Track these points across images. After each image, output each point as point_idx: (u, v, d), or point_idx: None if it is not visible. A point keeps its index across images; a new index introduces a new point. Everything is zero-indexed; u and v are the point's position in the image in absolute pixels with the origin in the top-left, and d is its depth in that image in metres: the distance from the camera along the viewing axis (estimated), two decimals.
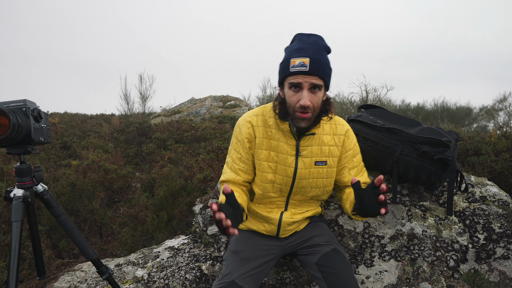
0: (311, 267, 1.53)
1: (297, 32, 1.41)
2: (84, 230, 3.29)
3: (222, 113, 12.13)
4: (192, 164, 4.14)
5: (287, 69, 1.33)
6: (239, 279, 1.45)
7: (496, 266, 1.65)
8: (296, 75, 1.31)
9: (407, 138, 1.74)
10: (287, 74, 1.33)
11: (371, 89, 12.13)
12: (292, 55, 1.33)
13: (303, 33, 1.39)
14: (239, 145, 1.53)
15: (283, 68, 1.36)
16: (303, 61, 1.30)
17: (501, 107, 11.94)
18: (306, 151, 1.47)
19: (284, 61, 1.35)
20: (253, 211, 1.62)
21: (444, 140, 1.66)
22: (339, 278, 1.41)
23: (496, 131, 4.79)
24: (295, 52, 1.33)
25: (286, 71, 1.34)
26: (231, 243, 1.66)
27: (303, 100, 1.31)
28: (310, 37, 1.36)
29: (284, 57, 1.37)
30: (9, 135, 1.31)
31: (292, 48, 1.35)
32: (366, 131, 1.87)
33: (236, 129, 1.56)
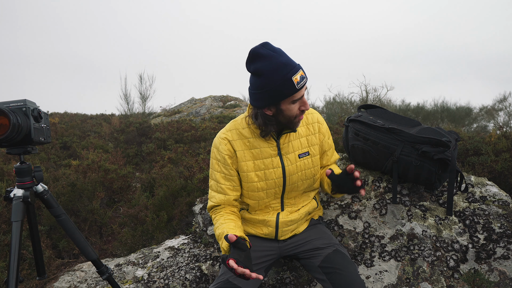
0: (314, 270, 1.53)
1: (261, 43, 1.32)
2: (84, 230, 3.29)
3: (222, 113, 12.13)
4: (192, 164, 4.14)
5: (292, 88, 1.28)
6: (234, 278, 1.45)
7: (496, 266, 1.65)
8: (301, 89, 1.31)
9: (407, 138, 1.74)
10: (291, 93, 1.29)
11: (371, 89, 12.13)
12: (289, 73, 1.26)
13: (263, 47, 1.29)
14: (220, 165, 1.53)
15: (284, 90, 1.28)
16: (302, 74, 1.30)
17: (501, 107, 11.94)
18: (287, 148, 1.51)
19: (283, 82, 1.26)
20: (249, 218, 1.62)
21: (444, 140, 1.66)
22: (343, 277, 1.41)
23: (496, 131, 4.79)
24: (289, 68, 1.26)
25: (292, 90, 1.28)
26: None
27: (307, 105, 1.37)
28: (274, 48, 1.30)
29: (275, 79, 1.26)
30: (9, 135, 1.31)
31: (274, 66, 1.26)
32: (366, 131, 1.87)
33: (213, 150, 1.55)
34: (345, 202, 1.98)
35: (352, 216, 1.93)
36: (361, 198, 1.97)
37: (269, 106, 1.35)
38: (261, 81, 1.29)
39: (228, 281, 1.45)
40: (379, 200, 1.93)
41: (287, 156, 1.51)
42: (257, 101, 1.35)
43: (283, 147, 1.50)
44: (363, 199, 1.97)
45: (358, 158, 1.97)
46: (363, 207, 1.94)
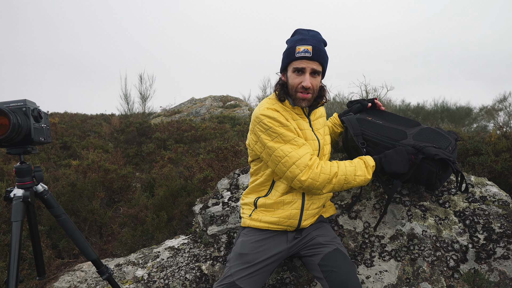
0: (314, 268, 1.53)
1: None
2: (84, 230, 3.29)
3: (222, 113, 12.13)
4: (192, 164, 4.14)
5: (292, 55, 1.50)
6: (240, 281, 1.45)
7: (496, 266, 1.65)
8: (300, 60, 1.49)
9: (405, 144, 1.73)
10: (292, 59, 1.50)
11: (371, 89, 12.12)
12: (296, 44, 1.50)
13: (302, 28, 1.57)
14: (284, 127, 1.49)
15: (288, 55, 1.52)
16: (307, 48, 1.47)
17: (501, 107, 11.94)
18: (317, 124, 1.68)
19: (289, 48, 1.52)
20: (273, 203, 1.60)
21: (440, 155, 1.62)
22: (340, 276, 1.42)
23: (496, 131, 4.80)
24: (299, 41, 1.50)
25: (291, 57, 1.50)
26: (236, 244, 1.65)
27: (306, 82, 1.49)
28: (310, 32, 1.55)
29: (288, 46, 1.54)
30: (9, 135, 1.31)
31: (295, 39, 1.53)
32: (366, 132, 1.86)
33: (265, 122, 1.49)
34: (345, 202, 1.98)
35: (352, 216, 1.93)
36: (361, 198, 1.97)
37: (283, 70, 1.59)
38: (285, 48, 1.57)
39: (234, 284, 1.45)
40: (379, 200, 1.93)
41: (318, 131, 1.66)
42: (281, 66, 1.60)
43: (314, 123, 1.66)
44: (363, 199, 1.97)
45: None
46: (363, 207, 1.94)
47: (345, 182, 1.49)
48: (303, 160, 1.46)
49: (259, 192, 1.66)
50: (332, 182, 1.47)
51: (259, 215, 1.64)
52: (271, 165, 1.54)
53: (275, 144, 1.48)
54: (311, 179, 1.45)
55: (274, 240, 1.61)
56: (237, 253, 1.58)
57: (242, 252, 1.57)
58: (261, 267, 1.53)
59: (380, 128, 1.85)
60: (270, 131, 1.49)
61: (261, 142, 1.52)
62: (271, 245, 1.59)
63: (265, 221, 1.61)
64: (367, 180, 1.52)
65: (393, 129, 1.85)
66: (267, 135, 1.50)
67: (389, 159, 1.55)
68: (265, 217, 1.62)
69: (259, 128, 1.52)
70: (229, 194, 2.27)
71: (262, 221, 1.62)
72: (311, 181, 1.45)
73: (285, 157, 1.46)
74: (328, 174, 1.47)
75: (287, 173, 1.48)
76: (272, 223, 1.60)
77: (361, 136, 1.85)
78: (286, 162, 1.47)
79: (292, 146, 1.48)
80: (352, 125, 1.88)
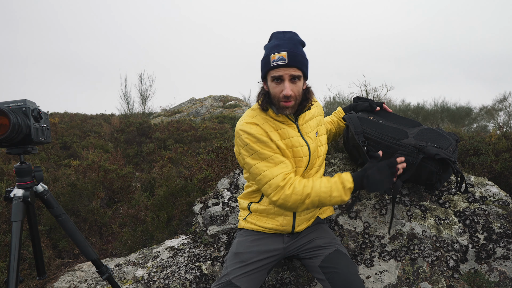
0: (315, 270, 1.53)
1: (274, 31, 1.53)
2: (84, 230, 3.29)
3: (222, 113, 12.12)
4: (192, 164, 4.14)
5: (268, 64, 1.44)
6: (236, 279, 1.46)
7: (496, 266, 1.65)
8: (277, 68, 1.42)
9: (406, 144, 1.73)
10: (268, 68, 1.44)
11: (371, 89, 12.11)
12: (271, 51, 1.43)
13: (279, 31, 1.50)
14: (259, 144, 1.48)
15: (265, 64, 1.46)
16: (282, 55, 1.41)
17: (501, 107, 11.92)
18: (306, 128, 1.60)
19: (265, 57, 1.46)
20: (263, 209, 1.62)
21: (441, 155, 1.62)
22: (342, 277, 1.42)
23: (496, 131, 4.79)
24: (274, 48, 1.43)
25: (267, 66, 1.45)
26: (233, 245, 1.67)
27: (286, 90, 1.42)
28: (285, 34, 1.48)
29: (264, 54, 1.48)
30: (9, 135, 1.31)
31: (270, 45, 1.47)
32: (368, 131, 1.86)
33: (243, 138, 1.50)
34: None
35: (352, 216, 1.93)
36: (361, 198, 1.97)
37: (263, 79, 1.52)
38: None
39: (230, 282, 1.46)
40: (379, 200, 1.93)
41: (308, 135, 1.59)
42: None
43: (302, 127, 1.59)
44: (363, 199, 1.97)
45: (359, 157, 1.97)
46: (363, 207, 1.94)
47: (319, 203, 1.46)
48: (275, 180, 1.45)
49: (252, 199, 1.69)
50: (305, 203, 1.44)
51: (254, 219, 1.67)
52: (251, 178, 1.58)
53: (252, 161, 1.49)
54: (282, 200, 1.45)
55: (269, 240, 1.63)
56: (233, 252, 1.60)
57: (238, 251, 1.59)
58: (257, 266, 1.54)
59: (381, 127, 1.86)
60: (247, 147, 1.49)
61: (241, 156, 1.55)
62: (266, 244, 1.61)
63: (259, 225, 1.65)
64: (344, 201, 1.46)
65: (394, 128, 1.85)
66: (245, 150, 1.51)
67: (371, 181, 1.44)
68: (259, 222, 1.65)
69: (239, 143, 1.53)
70: (229, 194, 2.27)
71: (256, 224, 1.66)
72: (282, 202, 1.46)
73: (259, 175, 1.48)
74: (300, 195, 1.43)
75: (262, 189, 1.51)
76: (266, 228, 1.64)
77: (362, 134, 1.85)
78: (260, 180, 1.49)
79: (268, 164, 1.47)
80: (353, 123, 1.88)
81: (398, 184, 1.74)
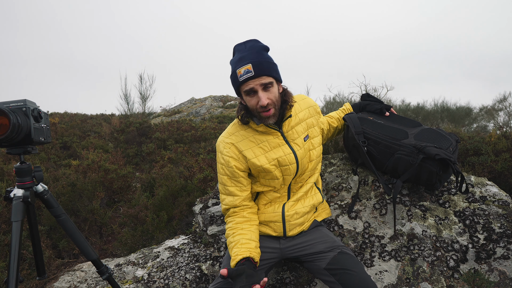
0: (321, 272, 1.53)
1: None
2: (84, 230, 3.29)
3: (222, 113, 12.12)
4: (192, 164, 4.14)
5: (236, 80, 1.44)
6: None
7: (496, 266, 1.65)
8: (246, 82, 1.42)
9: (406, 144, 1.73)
10: (238, 84, 1.44)
11: (371, 89, 12.10)
12: (236, 66, 1.43)
13: (239, 43, 1.49)
14: (225, 168, 1.58)
15: (234, 80, 1.46)
16: (247, 68, 1.40)
17: (501, 107, 11.91)
18: (292, 135, 1.58)
19: (232, 73, 1.46)
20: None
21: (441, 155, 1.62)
22: (354, 276, 1.42)
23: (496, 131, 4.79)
24: (238, 63, 1.43)
25: (236, 82, 1.44)
26: None
27: (261, 101, 1.41)
28: (246, 44, 1.46)
29: (231, 70, 1.47)
30: (9, 135, 1.31)
31: (234, 60, 1.46)
32: (368, 131, 1.87)
33: (218, 155, 1.61)
34: (345, 202, 1.98)
35: (352, 216, 1.93)
36: (361, 198, 1.97)
37: (238, 95, 1.52)
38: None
39: (228, 281, 1.46)
40: (379, 200, 1.93)
41: (295, 142, 1.58)
42: None
43: (288, 134, 1.57)
44: (363, 199, 1.97)
45: (359, 157, 1.97)
46: (363, 207, 1.94)
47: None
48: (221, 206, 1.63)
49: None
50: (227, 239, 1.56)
51: None
52: None
53: (219, 177, 1.63)
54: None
55: (265, 240, 1.64)
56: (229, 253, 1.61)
57: None
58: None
59: (381, 127, 1.86)
60: (217, 163, 1.62)
61: None
62: (265, 244, 1.61)
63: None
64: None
65: (394, 128, 1.85)
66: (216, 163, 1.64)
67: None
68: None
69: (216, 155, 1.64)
70: None
71: None
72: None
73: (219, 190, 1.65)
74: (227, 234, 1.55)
75: None
76: (260, 231, 1.65)
77: (362, 134, 1.85)
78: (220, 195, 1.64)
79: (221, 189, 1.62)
80: (353, 123, 1.89)
81: (398, 184, 1.74)
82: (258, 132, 1.55)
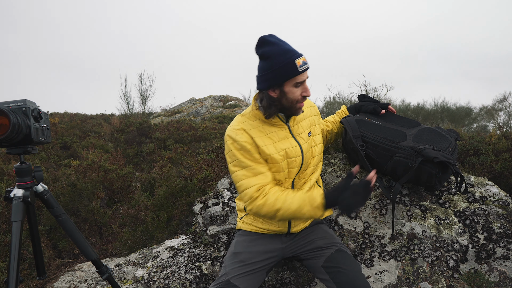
0: (318, 270, 1.53)
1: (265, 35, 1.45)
2: (84, 230, 3.29)
3: (222, 113, 12.13)
4: (192, 164, 4.14)
5: (295, 70, 1.40)
6: (235, 279, 1.46)
7: (496, 266, 1.65)
8: (303, 73, 1.43)
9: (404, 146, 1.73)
10: (294, 74, 1.41)
11: (371, 89, 12.11)
12: (293, 57, 1.39)
13: (269, 34, 1.45)
14: (243, 152, 1.49)
15: (287, 71, 1.40)
16: (303, 60, 1.42)
17: (501, 107, 11.91)
18: (298, 129, 1.61)
19: (287, 64, 1.40)
20: None
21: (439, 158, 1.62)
22: (347, 275, 1.42)
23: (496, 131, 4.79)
24: (292, 54, 1.40)
25: (294, 72, 1.41)
26: (232, 245, 1.68)
27: (308, 92, 1.47)
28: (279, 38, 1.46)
29: (281, 60, 1.40)
30: (9, 135, 1.31)
31: (282, 50, 1.41)
32: (366, 134, 1.86)
33: (229, 144, 1.52)
34: None
35: (352, 216, 1.93)
36: None
37: (274, 87, 1.45)
38: (268, 63, 1.42)
39: (229, 282, 1.46)
40: (379, 200, 1.93)
41: (300, 136, 1.61)
42: (262, 83, 1.46)
43: (293, 128, 1.60)
44: None
45: (358, 160, 1.96)
46: (363, 207, 1.94)
47: (291, 217, 1.45)
48: (249, 191, 1.46)
49: None
50: (277, 216, 1.45)
51: (250, 220, 1.68)
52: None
53: (233, 168, 1.52)
54: (255, 211, 1.48)
55: (268, 240, 1.63)
56: (231, 252, 1.61)
57: (236, 251, 1.59)
58: (256, 266, 1.54)
59: (379, 129, 1.85)
60: (230, 153, 1.52)
61: (227, 160, 1.57)
62: (265, 244, 1.61)
63: (256, 225, 1.66)
64: (317, 216, 1.44)
65: (392, 130, 1.84)
66: (228, 157, 1.54)
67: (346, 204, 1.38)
68: (255, 222, 1.66)
69: (225, 148, 1.56)
70: (229, 194, 2.27)
71: (253, 225, 1.67)
72: (255, 212, 1.48)
73: (238, 182, 1.51)
74: (271, 207, 1.44)
75: (240, 196, 1.54)
76: (263, 228, 1.64)
77: (360, 138, 1.84)
78: (238, 188, 1.51)
79: (246, 173, 1.49)
80: (351, 127, 1.88)
81: (397, 188, 1.75)
82: (266, 123, 1.55)
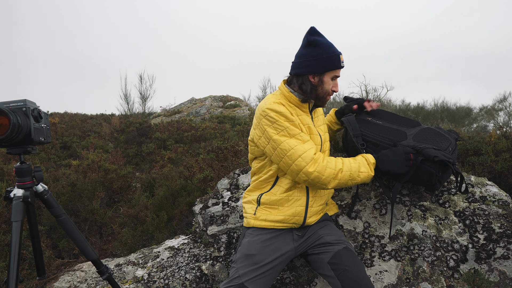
0: (324, 267, 1.52)
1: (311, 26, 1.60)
2: (84, 230, 3.29)
3: (222, 113, 12.13)
4: (192, 164, 4.15)
5: (337, 63, 1.55)
6: (249, 283, 1.45)
7: (496, 266, 1.65)
8: (341, 69, 1.59)
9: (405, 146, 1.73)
10: (337, 67, 1.56)
11: (371, 89, 12.14)
12: (337, 51, 1.55)
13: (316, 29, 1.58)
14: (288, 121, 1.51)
15: (332, 62, 1.55)
16: (342, 58, 1.57)
17: (501, 107, 11.93)
18: (317, 121, 1.72)
19: (333, 56, 1.54)
20: (277, 200, 1.59)
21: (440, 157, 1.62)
22: (352, 275, 1.43)
23: (496, 131, 4.79)
24: (335, 49, 1.56)
25: (337, 65, 1.56)
26: (243, 245, 1.62)
27: (337, 87, 1.62)
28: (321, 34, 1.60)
29: (328, 52, 1.54)
30: (9, 135, 1.31)
31: (329, 43, 1.55)
32: (366, 133, 1.86)
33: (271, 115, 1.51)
34: (345, 202, 1.98)
35: (352, 216, 1.93)
36: (361, 198, 1.97)
37: (315, 73, 1.56)
38: (317, 50, 1.54)
39: (243, 285, 1.45)
40: (379, 200, 1.93)
41: (320, 127, 1.71)
42: (305, 67, 1.56)
43: (315, 120, 1.71)
44: (363, 199, 1.97)
45: None
46: (363, 207, 1.94)
47: (349, 179, 1.50)
48: (308, 153, 1.47)
49: (262, 189, 1.65)
50: (338, 177, 1.48)
51: (264, 213, 1.62)
52: (276, 159, 1.53)
53: (281, 138, 1.49)
54: (318, 172, 1.46)
55: (280, 239, 1.59)
56: (244, 254, 1.56)
57: (250, 253, 1.54)
58: (270, 267, 1.52)
59: (379, 128, 1.85)
60: (276, 124, 1.50)
61: (266, 136, 1.52)
62: (278, 245, 1.57)
63: (270, 219, 1.60)
64: (370, 176, 1.54)
65: (393, 129, 1.84)
66: (273, 128, 1.50)
67: (382, 158, 1.57)
68: (270, 215, 1.60)
69: (265, 122, 1.52)
70: (229, 194, 2.27)
71: (267, 220, 1.61)
72: (317, 174, 1.46)
73: (291, 150, 1.47)
74: (333, 169, 1.48)
75: (292, 166, 1.48)
76: (278, 221, 1.59)
77: (361, 137, 1.84)
78: (291, 155, 1.47)
79: (297, 140, 1.49)
80: (351, 126, 1.88)
81: (397, 187, 1.75)
82: (296, 106, 1.62)
